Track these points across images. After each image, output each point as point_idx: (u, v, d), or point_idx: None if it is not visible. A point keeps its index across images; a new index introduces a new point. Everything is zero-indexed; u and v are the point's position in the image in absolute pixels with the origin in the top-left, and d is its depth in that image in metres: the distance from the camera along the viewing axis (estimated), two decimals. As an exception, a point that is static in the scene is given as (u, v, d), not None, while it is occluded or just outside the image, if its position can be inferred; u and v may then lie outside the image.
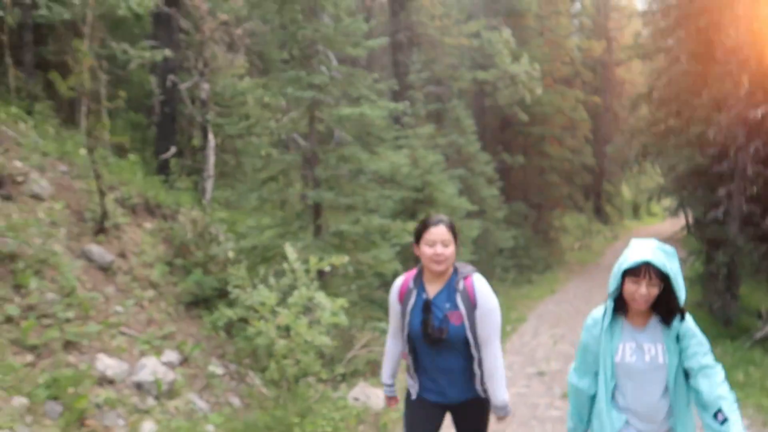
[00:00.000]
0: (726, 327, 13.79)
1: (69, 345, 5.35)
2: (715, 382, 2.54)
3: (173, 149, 10.14)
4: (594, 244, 31.82)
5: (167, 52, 9.39)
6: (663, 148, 16.28)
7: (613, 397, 2.68)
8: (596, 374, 2.72)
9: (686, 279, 12.43)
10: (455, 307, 2.88)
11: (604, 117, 37.55)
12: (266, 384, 6.15)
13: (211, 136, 9.88)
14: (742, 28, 12.61)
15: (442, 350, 2.92)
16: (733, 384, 9.58)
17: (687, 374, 2.62)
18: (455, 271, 2.99)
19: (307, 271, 5.54)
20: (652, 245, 2.58)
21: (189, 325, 7.43)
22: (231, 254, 8.08)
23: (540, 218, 26.10)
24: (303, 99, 7.72)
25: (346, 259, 5.60)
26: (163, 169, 10.26)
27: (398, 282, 3.09)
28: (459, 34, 20.85)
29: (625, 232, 36.40)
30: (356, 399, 6.46)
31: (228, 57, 10.09)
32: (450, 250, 2.87)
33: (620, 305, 2.64)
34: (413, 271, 3.07)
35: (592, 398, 2.78)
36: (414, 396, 3.07)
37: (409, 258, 9.37)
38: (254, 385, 6.53)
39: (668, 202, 20.53)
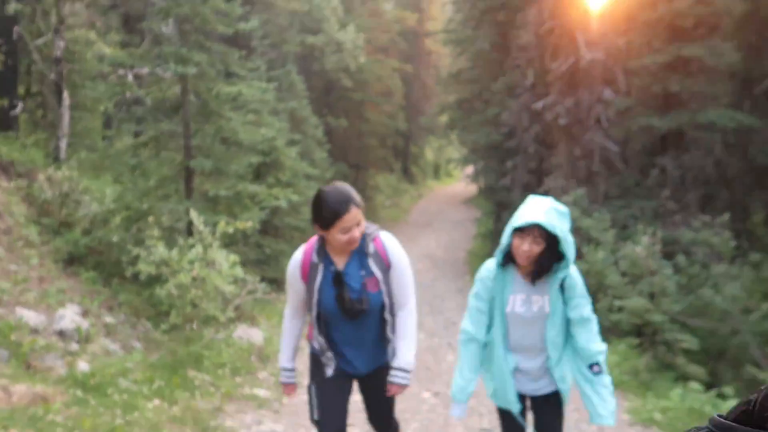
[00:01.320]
0: (508, 272, 17.63)
1: (-13, 301, 5.95)
2: (592, 335, 2.84)
3: (20, 105, 10.06)
4: (402, 202, 35.54)
5: (15, 5, 9.32)
6: (467, 124, 19.56)
7: (503, 340, 2.89)
8: (488, 323, 2.92)
9: (479, 235, 16.36)
10: (370, 273, 2.72)
11: (414, 84, 41.18)
12: (163, 330, 7.27)
13: (66, 95, 10.03)
14: (530, 30, 15.82)
15: (360, 322, 2.76)
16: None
17: (567, 321, 2.87)
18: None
19: (213, 233, 6.79)
20: (545, 205, 2.73)
21: (71, 282, 8.07)
22: (92, 213, 8.76)
23: (358, 178, 28.63)
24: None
25: (249, 223, 6.95)
26: (6, 124, 10.15)
27: (297, 257, 2.81)
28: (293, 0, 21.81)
29: (429, 192, 40.88)
30: (240, 338, 7.91)
31: (88, 14, 10.13)
32: (362, 225, 2.68)
33: (511, 257, 2.83)
34: (312, 242, 2.81)
35: (484, 347, 2.96)
36: (331, 372, 2.88)
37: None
38: (148, 330, 7.59)
39: (466, 168, 24.36)
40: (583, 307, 2.84)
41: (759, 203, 15.58)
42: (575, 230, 12.50)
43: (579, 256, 12.86)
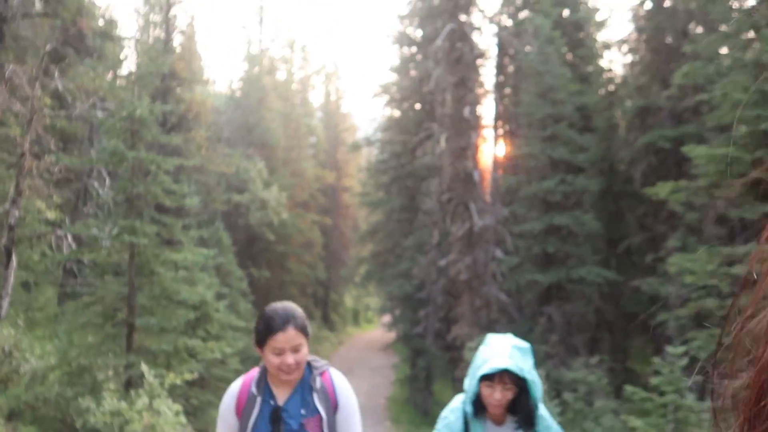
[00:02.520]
0: (425, 416, 18.76)
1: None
2: None
3: (-31, 268, 10.96)
4: (322, 350, 36.08)
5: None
6: (382, 276, 21.61)
7: None
8: None
9: (397, 380, 18.13)
10: (313, 411, 2.40)
11: (333, 235, 43.73)
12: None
13: (14, 258, 11.07)
14: (433, 197, 18.60)
15: None
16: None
17: None
18: (308, 365, 2.49)
19: (162, 384, 7.89)
20: (508, 346, 2.62)
21: (13, 438, 8.62)
22: (31, 369, 9.55)
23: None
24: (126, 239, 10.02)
25: (195, 374, 8.10)
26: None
27: (233, 389, 2.50)
28: (221, 162, 24.10)
29: (349, 338, 41.72)
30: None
31: (42, 190, 11.50)
32: (301, 354, 2.35)
33: (479, 404, 2.70)
34: (253, 373, 2.52)
35: None
36: None
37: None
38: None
39: (383, 316, 26.04)
40: None
41: (634, 345, 18.10)
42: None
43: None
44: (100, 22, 14.23)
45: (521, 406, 2.65)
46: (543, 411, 2.74)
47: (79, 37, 12.44)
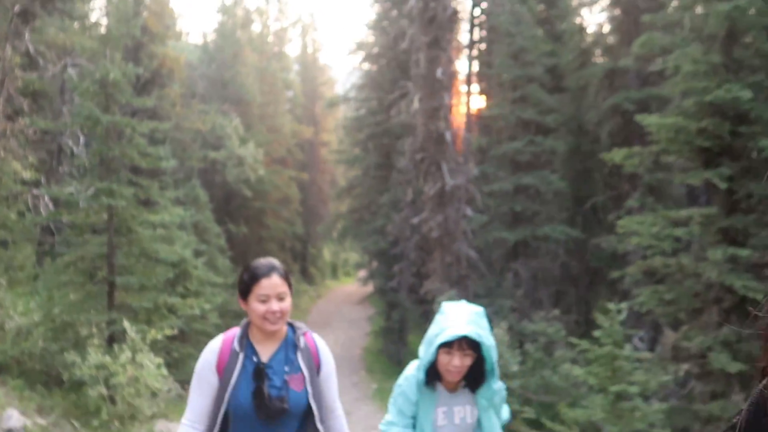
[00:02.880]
0: (398, 366, 19.70)
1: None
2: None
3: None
4: (301, 303, 36.91)
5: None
6: (358, 232, 22.18)
7: None
8: (412, 427, 2.78)
9: (372, 332, 19.02)
10: (297, 369, 2.41)
11: (311, 189, 43.99)
12: (93, 427, 8.55)
13: (-7, 219, 11.35)
14: (407, 156, 19.00)
15: (277, 427, 2.37)
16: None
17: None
18: (290, 326, 2.52)
19: (144, 339, 8.42)
20: (466, 313, 2.60)
21: (2, 388, 9.15)
22: (16, 326, 10.02)
23: (257, 281, 30.10)
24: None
25: (175, 330, 8.63)
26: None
27: (214, 346, 2.45)
28: (196, 119, 24.08)
29: (327, 291, 42.64)
30: (161, 431, 9.29)
31: (18, 152, 11.65)
32: (286, 303, 2.36)
33: (433, 373, 2.66)
34: (234, 331, 2.49)
35: None
36: None
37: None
38: (77, 430, 8.80)
39: (360, 271, 26.77)
40: (500, 408, 2.82)
41: (597, 298, 19.05)
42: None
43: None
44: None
45: (474, 369, 2.65)
46: (500, 384, 2.76)
47: (49, -3, 12.35)
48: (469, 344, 2.56)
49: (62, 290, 10.72)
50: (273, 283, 2.32)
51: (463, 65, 18.20)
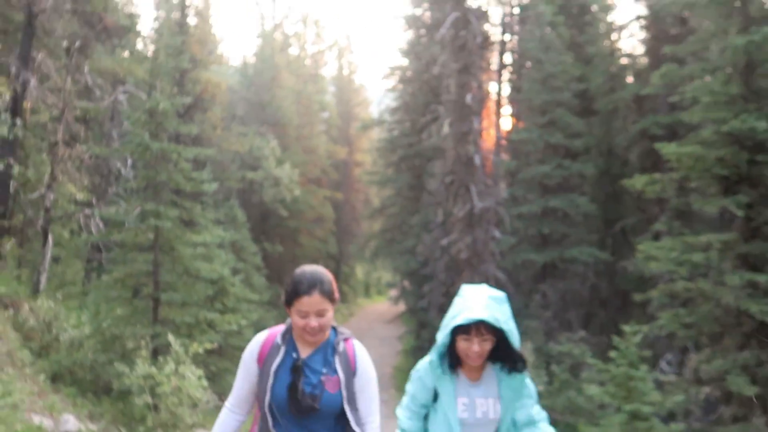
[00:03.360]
0: (427, 385, 20.04)
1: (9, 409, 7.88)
2: None
3: (9, 245, 12.23)
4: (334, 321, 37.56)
5: (17, 168, 11.84)
6: (390, 252, 22.72)
7: None
8: (424, 418, 2.71)
9: (403, 351, 19.68)
10: (333, 371, 2.46)
11: (345, 208, 44.82)
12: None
13: (50, 238, 12.30)
14: (437, 179, 19.50)
15: (310, 424, 2.45)
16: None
17: (515, 423, 2.65)
18: (334, 330, 2.57)
19: (186, 352, 9.09)
20: (484, 296, 2.53)
21: (57, 395, 9.95)
22: (69, 338, 10.84)
23: (291, 299, 30.85)
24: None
25: (215, 344, 9.30)
26: (-4, 262, 12.23)
27: (259, 338, 2.58)
28: (235, 141, 25.15)
29: (359, 310, 43.17)
30: (201, 439, 9.91)
31: (74, 175, 12.65)
32: (326, 318, 2.41)
33: (453, 359, 2.59)
34: (280, 327, 2.60)
35: None
36: None
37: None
38: (125, 435, 9.50)
39: (391, 290, 27.27)
40: (531, 407, 2.64)
41: (627, 320, 19.05)
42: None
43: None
44: (123, 14, 15.20)
45: (500, 355, 2.56)
46: (527, 379, 2.64)
47: (105, 32, 13.42)
48: (487, 329, 2.48)
49: (110, 305, 11.55)
50: (313, 301, 2.35)
51: (493, 89, 18.71)
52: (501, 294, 2.57)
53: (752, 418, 8.67)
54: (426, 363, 2.67)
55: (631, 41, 20.50)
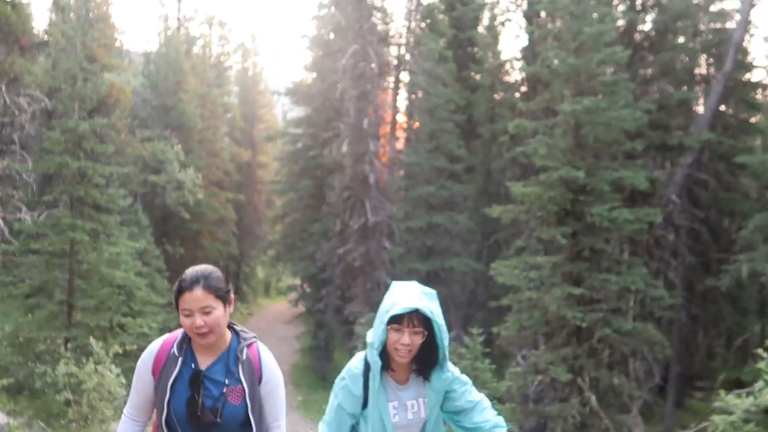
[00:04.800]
0: (323, 381, 21.97)
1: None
2: (488, 414, 2.62)
3: None
4: (233, 321, 38.39)
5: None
6: (290, 257, 24.38)
7: None
8: (352, 429, 2.60)
9: (301, 350, 21.93)
10: (236, 381, 2.32)
11: (246, 209, 45.50)
12: (60, 426, 10.41)
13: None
14: (336, 192, 21.46)
15: None
16: (321, 411, 17.07)
17: (456, 413, 2.63)
18: (236, 335, 2.44)
19: (107, 353, 10.41)
20: (416, 290, 2.49)
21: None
22: None
23: (191, 300, 31.58)
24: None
25: (134, 346, 10.66)
26: None
27: (153, 348, 2.41)
28: (139, 146, 25.70)
29: (259, 309, 44.10)
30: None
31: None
32: (214, 316, 2.27)
33: (384, 359, 2.49)
34: (176, 333, 2.42)
35: None
36: None
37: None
38: (45, 430, 10.64)
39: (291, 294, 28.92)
40: (469, 393, 2.63)
41: (500, 321, 22.04)
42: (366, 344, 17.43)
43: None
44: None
45: (424, 355, 2.49)
46: (451, 367, 2.60)
47: (20, 50, 14.12)
48: (419, 320, 2.41)
49: (25, 309, 12.51)
50: (195, 297, 2.24)
51: (388, 115, 20.95)
52: (432, 290, 2.56)
53: (570, 399, 11.36)
54: (352, 369, 2.57)
55: (514, 74, 23.42)
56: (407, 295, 2.46)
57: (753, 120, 18.43)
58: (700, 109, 18.25)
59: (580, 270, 11.14)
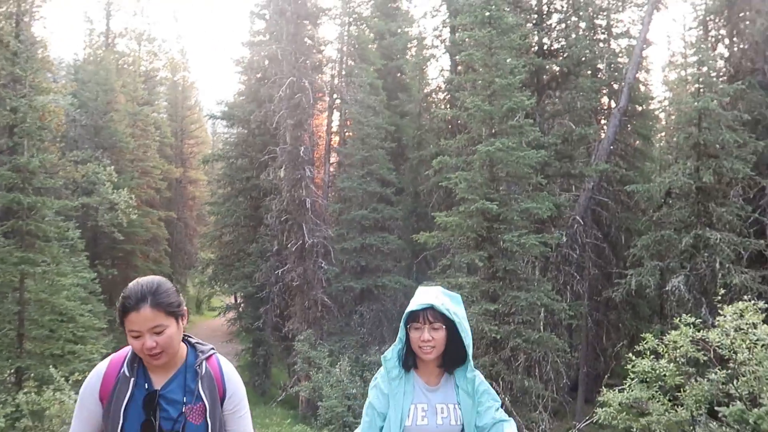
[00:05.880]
0: (262, 396, 23.00)
1: None
2: None
3: None
4: (166, 340, 38.36)
5: None
6: (228, 278, 25.27)
7: None
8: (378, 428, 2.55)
9: (239, 366, 23.34)
10: (197, 399, 2.15)
11: (177, 225, 45.58)
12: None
13: None
14: (273, 215, 22.63)
15: None
16: (263, 425, 18.16)
17: (479, 429, 2.57)
18: (191, 347, 2.27)
19: (66, 380, 11.27)
20: (436, 290, 2.56)
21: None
22: None
23: (124, 320, 31.74)
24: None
25: (76, 373, 11.57)
26: None
27: (99, 370, 2.19)
28: (71, 169, 25.85)
29: (191, 327, 44.14)
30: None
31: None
32: (167, 335, 2.07)
33: (411, 360, 2.53)
34: (125, 351, 2.22)
35: None
36: None
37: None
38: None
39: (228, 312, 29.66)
40: (495, 409, 2.57)
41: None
42: (305, 359, 18.77)
43: (308, 377, 19.17)
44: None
45: (449, 353, 2.51)
46: (478, 373, 2.61)
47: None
48: (436, 317, 2.46)
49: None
50: (143, 317, 2.04)
51: (322, 140, 22.39)
52: (455, 294, 2.62)
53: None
54: (381, 369, 2.62)
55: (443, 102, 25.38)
56: (424, 294, 2.55)
57: (645, 147, 21.16)
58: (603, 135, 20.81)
59: (496, 288, 12.97)
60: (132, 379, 2.14)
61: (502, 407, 2.64)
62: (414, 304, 2.49)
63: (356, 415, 15.65)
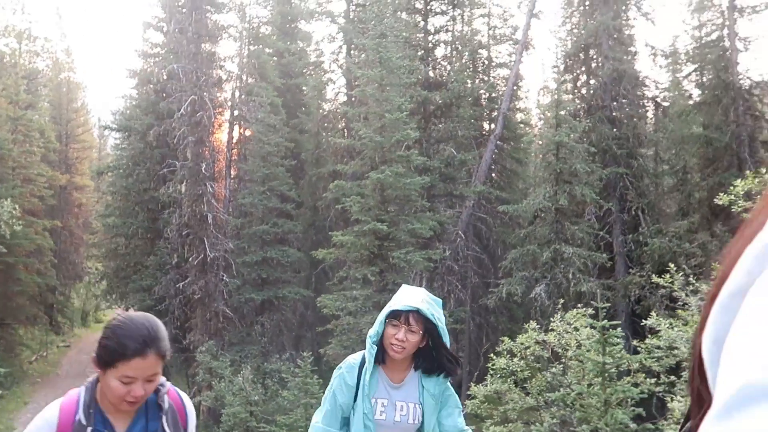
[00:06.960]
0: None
1: None
2: None
3: None
4: (50, 356, 37.01)
5: None
6: (124, 291, 25.47)
7: None
8: (345, 422, 2.62)
9: None
10: None
11: (62, 234, 43.88)
12: None
13: None
14: (173, 229, 23.29)
15: None
16: None
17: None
18: None
19: None
20: (422, 294, 2.58)
21: None
22: None
23: (2, 337, 30.70)
24: None
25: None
26: None
27: (49, 421, 1.98)
28: (-49, 179, 24.93)
29: (78, 341, 42.65)
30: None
31: None
32: (154, 384, 1.96)
33: (380, 355, 2.57)
34: (75, 395, 2.04)
35: None
36: None
37: None
38: None
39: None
40: (457, 416, 2.67)
41: (327, 341, 25.62)
42: (207, 369, 19.73)
43: (209, 387, 20.13)
44: None
45: (428, 357, 2.56)
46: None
47: None
48: (417, 321, 2.47)
49: None
50: (148, 364, 1.88)
51: (223, 155, 23.40)
52: (438, 299, 2.65)
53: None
54: (350, 360, 2.64)
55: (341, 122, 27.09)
56: (412, 296, 2.56)
57: (518, 169, 24.17)
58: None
59: (387, 300, 14.82)
60: (89, 429, 1.96)
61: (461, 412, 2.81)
62: (399, 304, 2.52)
63: (259, 420, 16.93)
